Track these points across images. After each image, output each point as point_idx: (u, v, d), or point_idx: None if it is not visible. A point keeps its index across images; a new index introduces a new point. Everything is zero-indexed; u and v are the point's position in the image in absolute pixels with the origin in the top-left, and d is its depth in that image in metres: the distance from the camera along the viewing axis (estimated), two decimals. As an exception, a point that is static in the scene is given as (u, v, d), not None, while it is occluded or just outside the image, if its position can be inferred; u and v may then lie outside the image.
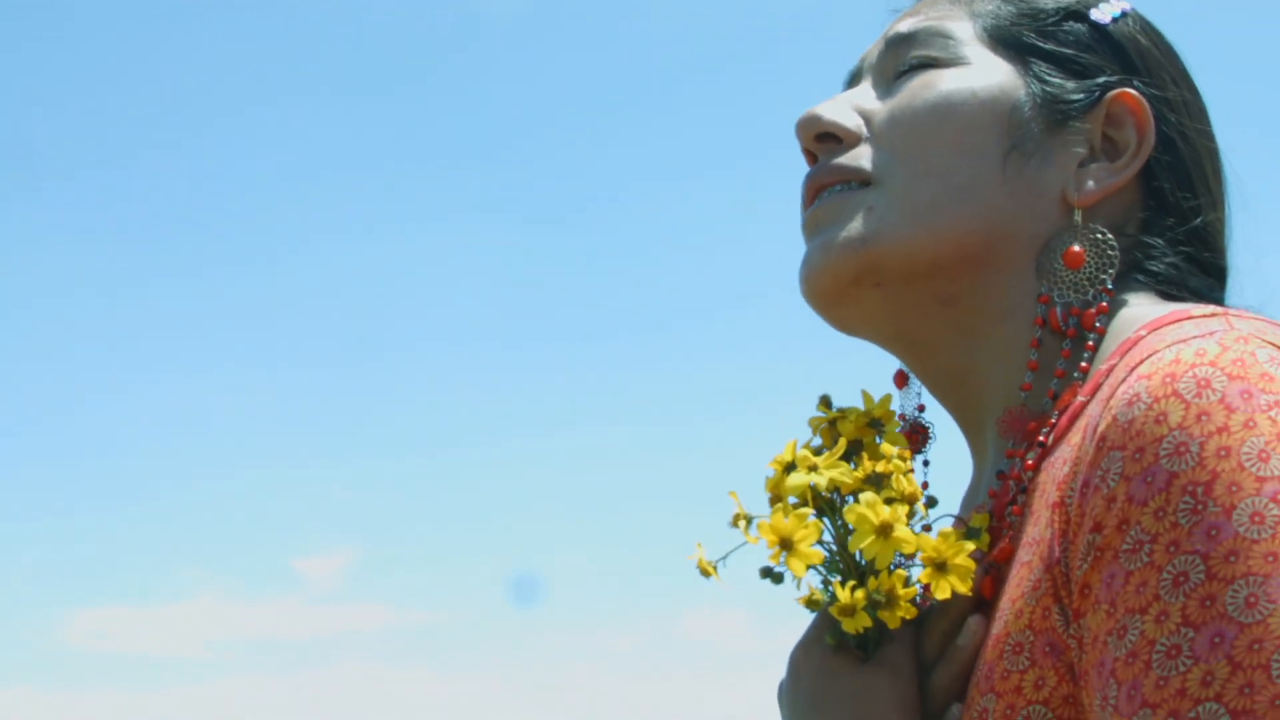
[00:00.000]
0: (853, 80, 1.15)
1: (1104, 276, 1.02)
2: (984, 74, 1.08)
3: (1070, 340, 1.02)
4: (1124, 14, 1.11)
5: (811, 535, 1.00)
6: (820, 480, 1.02)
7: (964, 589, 0.97)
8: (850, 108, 1.10)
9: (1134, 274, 1.05)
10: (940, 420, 1.16)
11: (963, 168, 1.05)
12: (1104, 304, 1.01)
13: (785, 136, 1.13)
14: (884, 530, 0.98)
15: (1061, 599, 0.88)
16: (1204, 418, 0.83)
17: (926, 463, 1.15)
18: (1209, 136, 1.11)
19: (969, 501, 1.11)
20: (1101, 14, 1.10)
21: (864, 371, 1.15)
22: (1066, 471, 0.91)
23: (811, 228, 1.09)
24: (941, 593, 0.97)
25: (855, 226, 1.06)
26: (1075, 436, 0.93)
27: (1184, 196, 1.08)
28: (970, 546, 0.98)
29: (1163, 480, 0.82)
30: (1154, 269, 1.05)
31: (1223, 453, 0.82)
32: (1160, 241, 1.06)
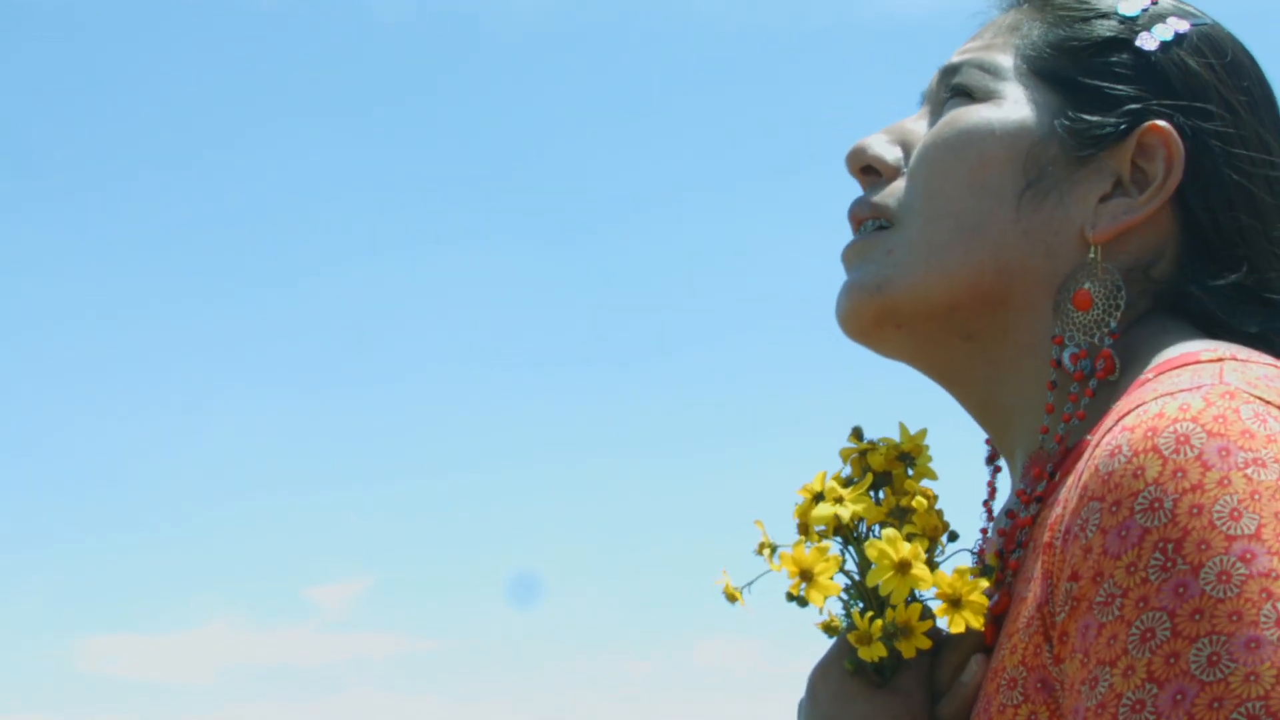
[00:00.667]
0: (922, 103, 1.16)
1: (1109, 320, 1.03)
2: (1010, 109, 1.07)
3: (1077, 384, 1.02)
4: (1179, 36, 1.08)
5: (831, 568, 1.05)
6: (845, 513, 1.06)
7: (977, 624, 1.00)
8: (895, 139, 1.12)
9: (1171, 308, 1.05)
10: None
11: (975, 207, 1.06)
12: (1107, 349, 1.02)
13: (805, 157, 1.15)
14: (902, 567, 1.02)
15: (1050, 637, 0.90)
16: (1180, 474, 0.84)
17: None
18: (1269, 164, 1.08)
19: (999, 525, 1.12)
20: (1149, 40, 1.08)
21: (888, 398, 1.14)
22: (1058, 513, 0.92)
23: (845, 265, 1.11)
24: (955, 627, 1.00)
25: (872, 270, 1.08)
26: (1072, 477, 0.94)
27: (1226, 227, 1.05)
28: (984, 584, 1.01)
29: (1136, 535, 0.83)
30: (1189, 303, 1.05)
31: (1195, 510, 0.83)
32: (1200, 274, 1.05)
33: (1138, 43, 1.08)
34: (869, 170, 1.12)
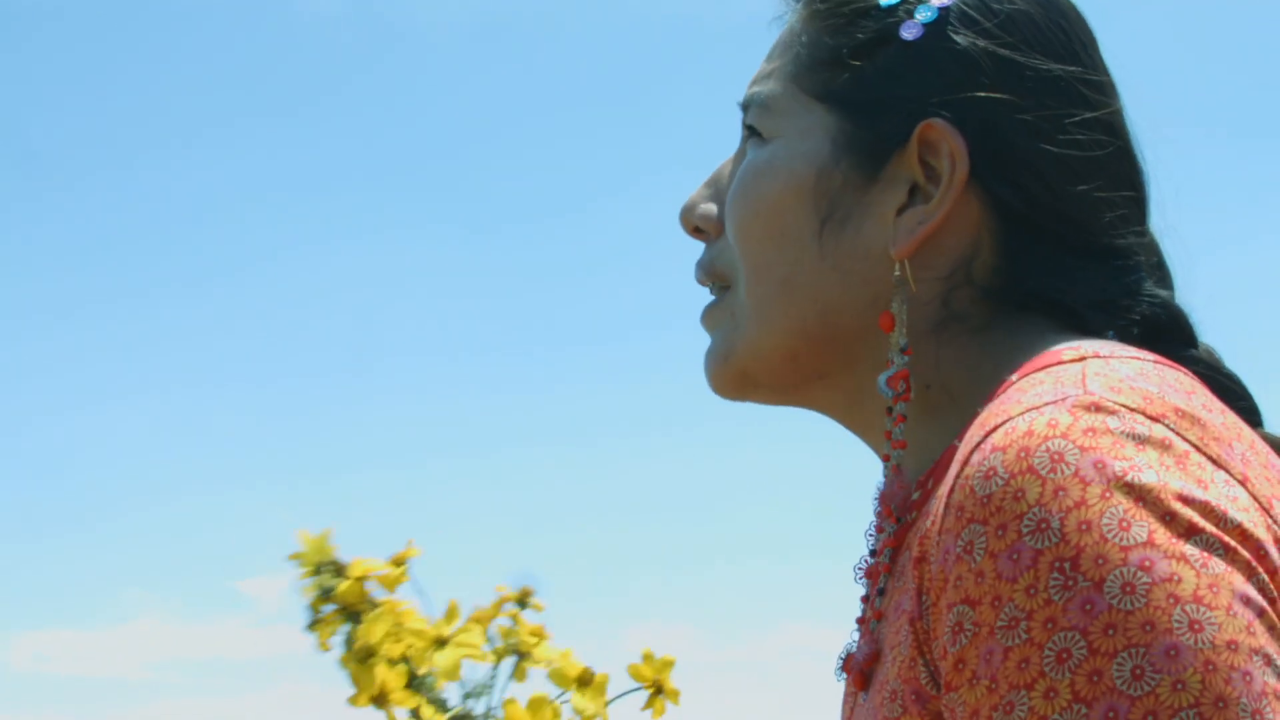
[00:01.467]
0: None
1: (900, 338, 1.01)
2: (791, 145, 1.04)
3: (897, 406, 1.01)
4: (942, 11, 1.02)
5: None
6: None
7: None
8: (714, 193, 1.11)
9: (1016, 301, 1.02)
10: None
11: (780, 258, 1.04)
12: (901, 370, 1.00)
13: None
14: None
15: (924, 651, 0.90)
16: (1061, 493, 0.83)
17: None
18: (1071, 108, 1.02)
19: None
20: (910, 29, 1.03)
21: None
22: (928, 525, 0.90)
23: (705, 328, 1.11)
24: None
25: (719, 339, 1.08)
26: (942, 488, 0.91)
27: (1041, 197, 1.01)
28: None
29: (1029, 557, 0.82)
30: (1025, 291, 1.01)
31: (1084, 526, 0.82)
32: (1028, 258, 1.01)
33: (901, 34, 1.02)
34: (699, 230, 1.11)
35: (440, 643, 1.08)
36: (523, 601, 1.19)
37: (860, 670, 0.98)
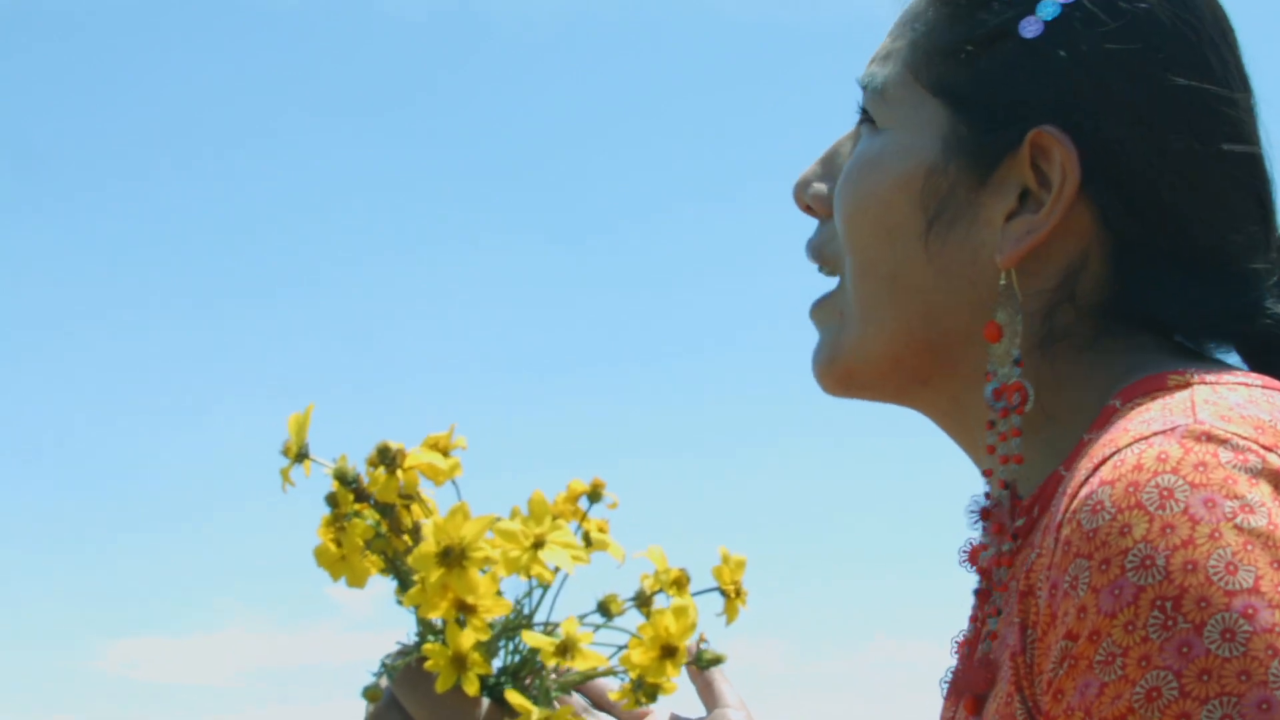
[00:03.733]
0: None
1: (1013, 349, 0.98)
2: (901, 139, 1.02)
3: (1003, 421, 0.98)
4: (1066, 8, 0.98)
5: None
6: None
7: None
8: (827, 171, 1.09)
9: (1123, 318, 0.99)
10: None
11: (888, 256, 1.02)
12: (1016, 382, 0.98)
13: (819, 153, 1.11)
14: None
15: (1022, 688, 0.89)
16: (1169, 530, 0.82)
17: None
18: (1191, 117, 0.97)
19: None
20: (1031, 25, 0.98)
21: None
22: (1035, 558, 0.89)
23: (813, 323, 1.10)
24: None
25: (828, 337, 1.07)
26: (1049, 518, 0.90)
27: (1151, 211, 0.97)
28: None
29: (1130, 594, 0.82)
30: (1138, 309, 0.99)
31: (1189, 566, 0.81)
32: (1137, 273, 0.98)
33: (1021, 30, 0.99)
34: (810, 209, 1.09)
35: (538, 544, 0.99)
36: (594, 496, 1.10)
37: (974, 694, 0.97)
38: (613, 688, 1.05)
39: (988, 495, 1.03)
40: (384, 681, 1.08)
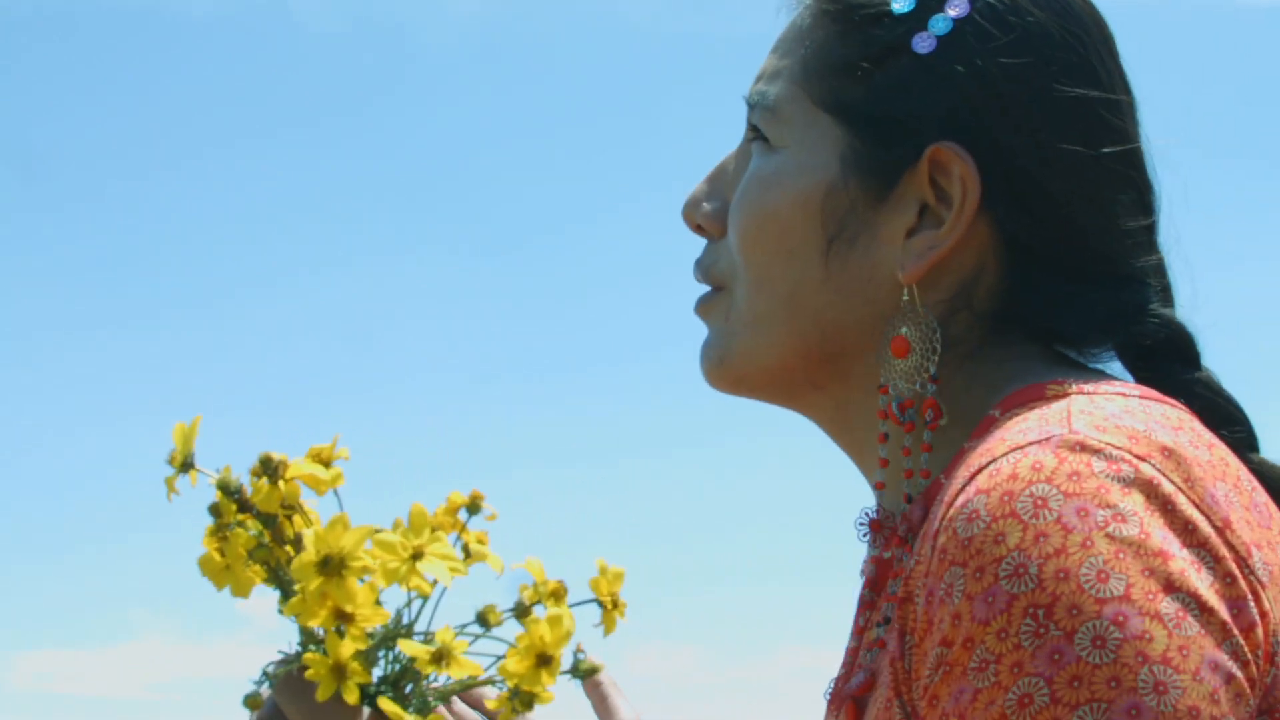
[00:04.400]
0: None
1: (929, 365, 0.98)
2: (799, 158, 1.01)
3: (909, 436, 0.99)
4: (957, 23, 0.98)
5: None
6: None
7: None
8: (716, 191, 1.08)
9: (1008, 326, 1.00)
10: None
11: (785, 274, 1.02)
12: (931, 398, 0.98)
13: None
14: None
15: (900, 693, 0.89)
16: (1042, 539, 0.82)
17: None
18: (1087, 126, 0.99)
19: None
20: (923, 40, 0.98)
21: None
22: (913, 565, 0.90)
23: (700, 318, 1.09)
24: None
25: (715, 338, 1.07)
26: (928, 526, 0.91)
27: (1048, 220, 0.98)
28: None
29: (1004, 602, 0.82)
30: (1022, 317, 0.99)
31: (1061, 575, 0.82)
32: (1028, 282, 0.99)
33: (914, 46, 0.98)
34: (700, 228, 1.08)
35: (417, 556, 1.00)
36: (473, 508, 1.11)
37: (852, 699, 0.97)
38: (492, 697, 1.05)
39: (879, 507, 1.03)
40: (265, 689, 1.08)
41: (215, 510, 1.07)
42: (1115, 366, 1.02)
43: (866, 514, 1.05)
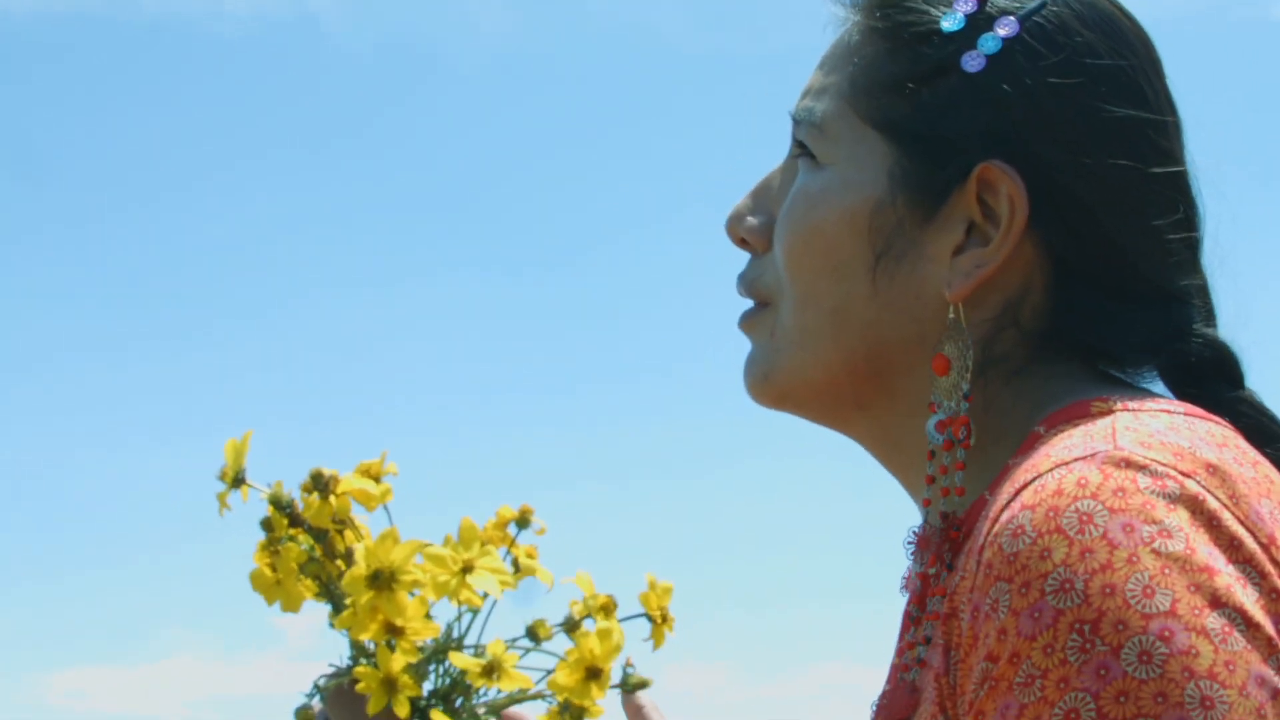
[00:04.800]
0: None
1: (963, 382, 0.98)
2: (847, 175, 1.02)
3: (947, 454, 0.99)
4: (1006, 42, 0.99)
5: None
6: None
7: None
8: (760, 205, 1.08)
9: (1053, 344, 1.00)
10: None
11: (832, 290, 1.02)
12: (963, 416, 0.98)
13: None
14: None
15: (945, 708, 0.90)
16: (1087, 554, 0.83)
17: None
18: (1132, 145, 0.99)
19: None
20: (973, 60, 0.99)
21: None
22: (958, 581, 0.90)
23: (744, 333, 1.09)
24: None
25: (759, 354, 1.07)
26: (973, 542, 0.91)
27: (1092, 240, 0.98)
28: None
29: (1049, 617, 0.82)
30: (1071, 337, 1.00)
31: (1107, 590, 0.82)
32: (1073, 301, 0.99)
33: (963, 65, 0.99)
34: (745, 242, 1.09)
35: (467, 569, 1.01)
36: (523, 522, 1.12)
37: (900, 718, 0.97)
38: (541, 712, 1.06)
39: (925, 525, 1.04)
40: (317, 703, 1.09)
41: (267, 525, 1.08)
42: (1159, 386, 1.02)
43: (914, 531, 1.05)
